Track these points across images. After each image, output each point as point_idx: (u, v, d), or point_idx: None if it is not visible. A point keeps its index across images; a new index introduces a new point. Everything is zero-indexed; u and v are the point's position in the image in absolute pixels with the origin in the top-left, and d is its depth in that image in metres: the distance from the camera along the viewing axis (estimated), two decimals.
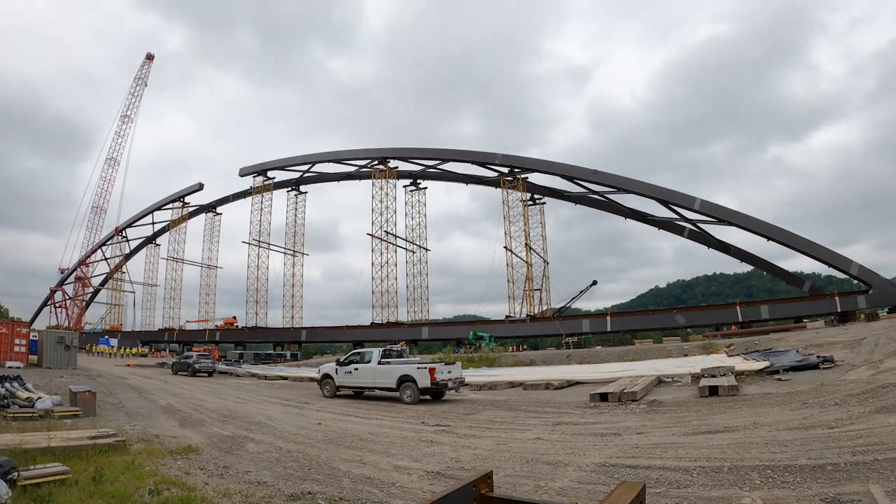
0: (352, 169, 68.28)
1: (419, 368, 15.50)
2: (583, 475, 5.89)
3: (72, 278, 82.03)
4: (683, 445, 7.16)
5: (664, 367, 19.57)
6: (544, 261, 61.42)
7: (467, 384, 17.77)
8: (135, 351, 59.81)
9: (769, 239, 46.43)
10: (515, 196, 59.40)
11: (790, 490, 4.87)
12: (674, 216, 51.95)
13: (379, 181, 64.03)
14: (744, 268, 61.64)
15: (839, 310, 41.82)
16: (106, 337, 68.86)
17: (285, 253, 72.72)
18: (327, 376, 17.89)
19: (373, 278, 62.37)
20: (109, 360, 48.69)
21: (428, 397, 15.51)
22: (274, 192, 73.91)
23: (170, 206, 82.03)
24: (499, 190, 60.00)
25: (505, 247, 58.15)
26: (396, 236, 63.72)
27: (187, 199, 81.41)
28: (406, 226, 64.99)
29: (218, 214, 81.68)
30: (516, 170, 58.28)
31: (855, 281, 44.91)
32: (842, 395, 10.14)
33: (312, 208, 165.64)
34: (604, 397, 13.02)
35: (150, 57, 79.53)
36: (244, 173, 75.30)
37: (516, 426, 10.04)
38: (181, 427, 10.41)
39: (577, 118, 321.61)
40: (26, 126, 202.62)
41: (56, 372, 23.09)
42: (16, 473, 5.10)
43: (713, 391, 12.52)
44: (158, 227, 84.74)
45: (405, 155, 64.19)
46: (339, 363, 17.87)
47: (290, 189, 73.50)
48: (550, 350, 45.52)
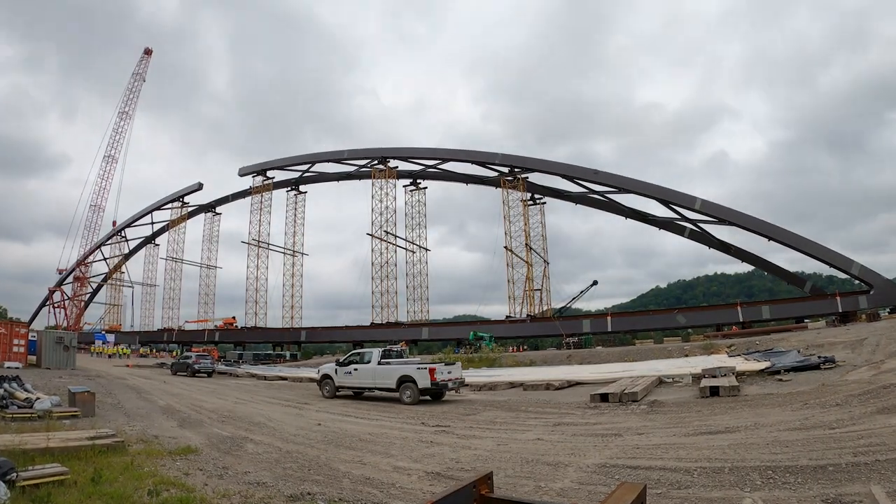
0: (351, 169, 68.26)
1: (419, 369, 15.48)
2: (583, 476, 5.87)
3: (70, 278, 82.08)
4: (684, 446, 7.14)
5: (665, 368, 19.55)
6: (545, 261, 61.44)
7: (467, 384, 17.75)
8: (128, 352, 59.34)
9: (770, 239, 46.37)
10: (516, 196, 59.39)
11: (791, 491, 4.85)
12: (674, 216, 51.92)
13: (379, 181, 64.02)
14: (745, 268, 61.80)
15: (840, 310, 41.77)
16: (102, 332, 68.65)
17: (285, 253, 72.77)
18: (327, 377, 17.87)
19: (372, 278, 62.41)
20: (108, 361, 48.72)
21: (428, 398, 15.48)
22: (273, 192, 73.87)
23: (169, 206, 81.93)
24: (499, 189, 60.02)
25: (505, 247, 58.19)
26: (396, 236, 63.78)
27: (186, 199, 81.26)
28: (406, 225, 65.09)
29: (217, 214, 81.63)
30: (516, 169, 58.27)
31: (856, 281, 44.88)
32: (843, 396, 10.12)
33: (312, 208, 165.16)
34: (604, 398, 13.01)
35: (149, 52, 78.95)
36: (243, 173, 75.25)
37: (516, 427, 10.02)
38: (180, 428, 10.40)
39: None
40: None
41: (55, 372, 23.06)
42: (14, 474, 5.09)
43: (714, 392, 12.50)
44: (157, 227, 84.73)
45: (405, 154, 64.18)
46: (339, 363, 17.85)
47: (290, 189, 73.48)
48: (551, 350, 45.49)
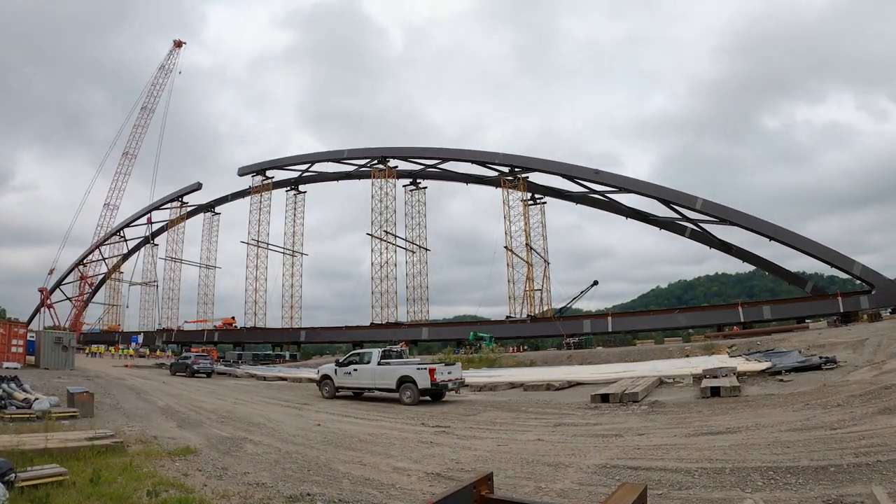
0: (351, 168, 68.17)
1: (419, 369, 15.46)
2: (584, 476, 5.86)
3: (70, 278, 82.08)
4: (685, 446, 7.12)
5: (665, 368, 19.53)
6: (545, 261, 61.40)
7: (467, 385, 17.74)
8: (131, 352, 59.57)
9: (771, 239, 46.33)
10: (516, 196, 59.34)
11: (792, 491, 4.84)
12: (675, 216, 51.86)
13: (378, 181, 63.95)
14: (746, 268, 61.65)
15: (842, 310, 41.69)
16: (135, 336, 69.78)
17: (284, 253, 72.69)
18: (326, 377, 17.85)
19: (372, 278, 62.37)
20: (107, 361, 48.71)
21: (428, 398, 15.46)
22: (273, 192, 73.73)
23: (168, 206, 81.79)
24: (499, 189, 59.98)
25: (505, 247, 58.13)
26: (396, 236, 63.74)
27: (185, 199, 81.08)
28: (406, 225, 65.03)
29: (217, 214, 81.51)
30: (517, 169, 58.22)
31: (858, 281, 44.84)
32: (844, 396, 10.09)
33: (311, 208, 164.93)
34: (605, 398, 12.99)
35: (179, 44, 78.81)
36: (243, 173, 75.17)
37: (517, 427, 10.00)
38: (179, 428, 10.39)
39: None
40: None
41: (53, 373, 23.03)
42: (13, 475, 5.08)
43: (715, 392, 12.48)
44: (156, 227, 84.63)
45: (405, 154, 64.13)
46: (339, 364, 17.83)
47: (289, 189, 73.39)
48: (551, 350, 45.46)
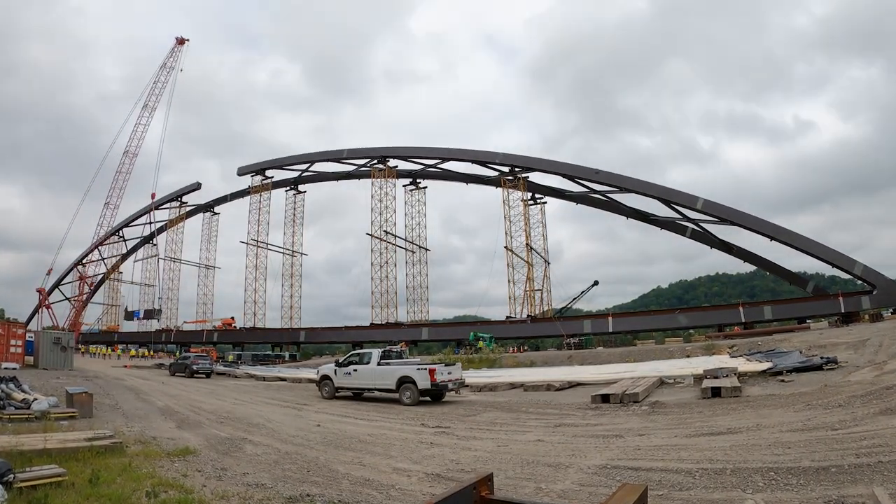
0: (351, 168, 68.16)
1: (419, 369, 15.43)
2: (584, 477, 5.84)
3: (69, 278, 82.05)
4: (686, 447, 7.10)
5: (666, 368, 19.51)
6: (545, 261, 61.39)
7: (467, 385, 17.71)
8: (132, 353, 59.44)
9: (772, 239, 46.30)
10: (516, 195, 59.31)
11: (793, 492, 4.82)
12: (676, 216, 51.83)
13: (378, 180, 63.92)
14: (747, 268, 61.59)
15: (843, 310, 41.67)
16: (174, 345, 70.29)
17: (283, 253, 72.64)
18: (326, 377, 17.83)
19: (372, 278, 62.35)
20: (106, 361, 48.71)
21: (428, 399, 15.43)
22: (273, 192, 73.65)
23: (167, 206, 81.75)
24: (499, 189, 59.95)
25: (506, 247, 58.09)
26: (396, 236, 63.68)
27: (185, 199, 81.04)
28: (406, 225, 64.98)
29: (216, 214, 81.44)
30: (517, 169, 58.20)
31: (859, 281, 44.79)
32: (846, 397, 10.07)
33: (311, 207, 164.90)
34: (605, 399, 12.96)
35: (181, 41, 77.43)
36: (242, 172, 75.15)
37: (517, 428, 9.98)
38: (179, 429, 10.36)
39: None
40: None
41: (52, 373, 23.00)
42: (11, 475, 5.06)
43: (716, 392, 12.45)
44: (156, 227, 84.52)
45: (405, 154, 64.12)
46: (338, 364, 17.80)
47: (289, 188, 73.34)
48: (551, 351, 45.43)
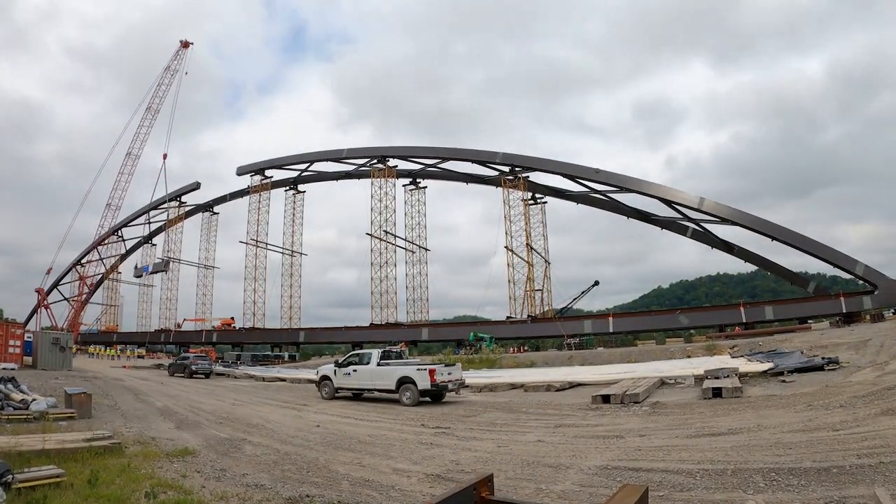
0: (350, 168, 68.03)
1: (419, 370, 15.41)
2: (584, 478, 5.82)
3: (68, 278, 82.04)
4: (686, 448, 7.08)
5: (667, 369, 19.49)
6: (545, 261, 61.32)
7: (467, 386, 17.68)
8: (129, 353, 58.75)
9: (774, 238, 46.22)
10: (516, 195, 59.24)
11: (795, 493, 4.80)
12: (677, 216, 51.74)
13: (378, 180, 63.80)
14: (748, 268, 61.50)
15: (844, 310, 41.55)
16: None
17: (283, 253, 72.52)
18: (326, 378, 17.81)
19: (372, 278, 62.25)
20: (105, 361, 48.69)
21: (428, 399, 15.40)
22: (272, 192, 73.50)
23: (166, 206, 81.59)
24: (499, 189, 59.89)
25: (506, 247, 58.03)
26: (396, 236, 63.62)
27: (184, 199, 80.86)
28: (406, 225, 64.91)
29: (215, 214, 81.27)
30: (517, 168, 58.13)
31: (860, 281, 44.66)
32: (847, 397, 10.05)
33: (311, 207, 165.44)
34: (606, 399, 12.94)
35: (186, 45, 77.79)
36: (241, 172, 75.01)
37: (517, 428, 9.97)
38: (178, 429, 10.35)
39: None
40: None
41: (51, 373, 23.00)
42: (10, 476, 5.04)
43: (716, 393, 12.43)
44: (155, 227, 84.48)
45: (405, 153, 64.03)
46: (338, 364, 17.76)
47: (289, 188, 73.21)
48: (552, 351, 45.39)
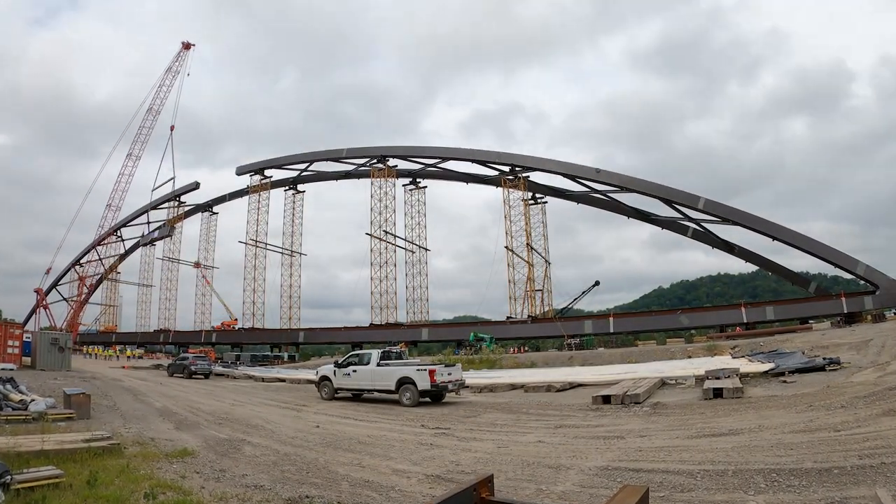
0: (350, 167, 68.01)
1: (419, 370, 15.40)
2: (585, 479, 5.80)
3: (66, 278, 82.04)
4: (687, 448, 7.06)
5: (668, 369, 19.50)
6: (546, 261, 61.31)
7: (467, 386, 17.67)
8: (128, 353, 58.40)
9: (774, 239, 46.20)
10: (517, 195, 59.21)
11: (796, 494, 4.78)
12: (677, 216, 51.72)
13: (378, 180, 63.76)
14: (749, 268, 61.48)
15: (845, 311, 41.55)
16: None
17: (283, 253, 72.50)
18: (325, 378, 17.79)
19: (371, 279, 62.22)
20: (104, 362, 48.66)
21: (427, 399, 15.39)
22: (271, 192, 73.39)
23: (165, 206, 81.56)
24: (499, 189, 59.87)
25: (506, 247, 58.01)
26: (396, 236, 63.60)
27: (183, 199, 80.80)
28: (405, 225, 64.87)
29: (214, 214, 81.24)
30: (517, 168, 58.12)
31: (861, 281, 44.66)
32: (848, 398, 10.02)
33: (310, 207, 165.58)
34: (606, 399, 12.91)
35: (187, 46, 78.00)
36: (241, 172, 75.01)
37: (517, 429, 9.95)
38: (177, 430, 10.34)
39: None
40: None
41: (50, 374, 22.99)
42: (9, 477, 5.03)
43: (717, 393, 12.41)
44: (153, 227, 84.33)
45: (405, 153, 64.01)
46: (338, 365, 17.75)
47: (288, 188, 73.16)
48: (552, 351, 45.38)
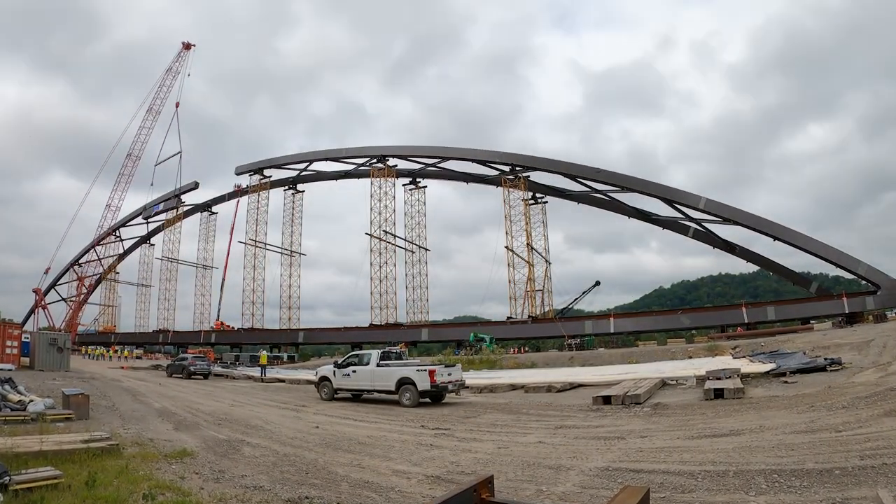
0: (350, 167, 68.01)
1: (418, 371, 15.37)
2: (585, 479, 5.78)
3: (65, 278, 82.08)
4: (688, 449, 7.04)
5: (668, 370, 19.48)
6: (546, 261, 61.30)
7: (468, 386, 17.65)
8: (127, 354, 58.60)
9: (776, 239, 46.14)
10: (517, 195, 59.16)
11: (797, 495, 4.76)
12: (678, 215, 51.66)
13: (378, 180, 63.70)
14: (749, 268, 61.39)
15: (847, 311, 41.46)
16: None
17: (282, 253, 72.49)
18: (325, 378, 17.77)
19: (371, 279, 62.16)
20: (103, 363, 48.65)
21: (427, 400, 15.36)
22: (271, 192, 73.41)
23: (164, 206, 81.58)
24: (500, 189, 59.80)
25: (506, 247, 57.98)
26: (396, 236, 63.55)
27: (182, 198, 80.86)
28: (405, 225, 64.82)
29: (213, 214, 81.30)
30: (518, 168, 58.08)
31: (863, 281, 44.54)
32: (850, 398, 9.99)
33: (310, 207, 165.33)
34: (607, 400, 12.87)
35: (188, 46, 78.20)
36: (240, 171, 75.06)
37: (517, 429, 9.92)
38: (176, 430, 10.32)
39: None
40: None
41: (48, 374, 22.99)
42: (7, 478, 5.02)
43: (718, 394, 12.37)
44: (153, 227, 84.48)
45: (405, 153, 63.95)
46: (337, 365, 17.73)
47: (287, 188, 73.18)
48: (552, 352, 45.39)
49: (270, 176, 73.60)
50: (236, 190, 77.20)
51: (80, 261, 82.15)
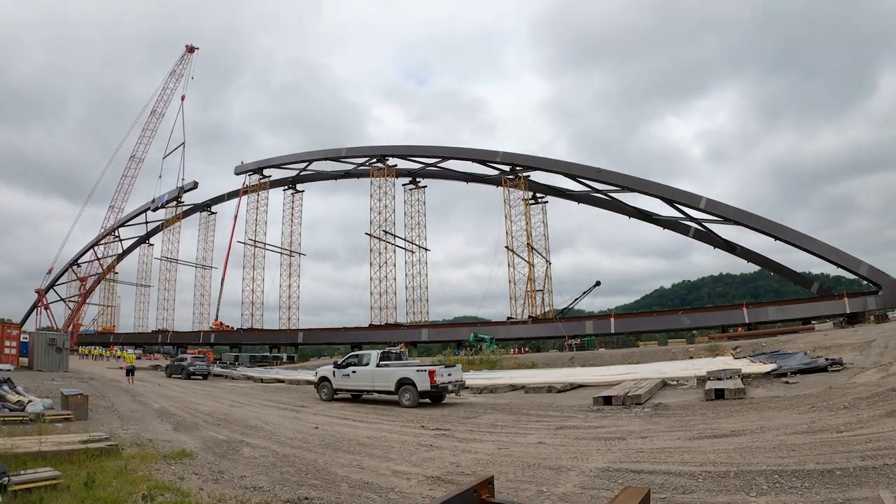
0: (350, 167, 68.03)
1: (418, 371, 15.36)
2: (586, 480, 5.76)
3: (65, 278, 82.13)
4: (689, 450, 7.02)
5: (669, 370, 19.43)
6: (546, 261, 61.28)
7: (468, 387, 17.64)
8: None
9: (777, 238, 46.10)
10: (517, 195, 59.17)
11: (798, 495, 4.74)
12: (679, 215, 51.65)
13: (377, 180, 63.71)
14: (750, 268, 61.43)
15: (848, 311, 41.38)
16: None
17: (282, 253, 72.48)
18: (325, 379, 17.77)
19: (371, 279, 62.20)
20: (102, 363, 48.67)
21: (427, 400, 15.35)
22: (270, 191, 73.47)
23: (164, 206, 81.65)
24: (500, 188, 59.78)
25: (506, 247, 57.98)
26: (395, 236, 63.55)
27: (181, 198, 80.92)
28: (405, 225, 64.81)
29: (213, 214, 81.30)
30: (518, 168, 58.08)
31: (864, 282, 44.48)
32: (851, 399, 9.98)
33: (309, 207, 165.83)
34: (607, 400, 12.86)
35: (191, 49, 79.20)
36: (239, 171, 75.12)
37: (518, 430, 9.91)
38: (175, 431, 10.32)
39: None
40: None
41: (47, 374, 23.04)
42: (6, 478, 5.01)
43: (719, 394, 12.36)
44: (152, 227, 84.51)
45: (405, 153, 63.96)
46: (337, 366, 17.72)
47: (287, 188, 73.19)
48: (553, 352, 45.31)
49: (270, 176, 73.69)
50: (241, 188, 77.45)
51: (80, 261, 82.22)
